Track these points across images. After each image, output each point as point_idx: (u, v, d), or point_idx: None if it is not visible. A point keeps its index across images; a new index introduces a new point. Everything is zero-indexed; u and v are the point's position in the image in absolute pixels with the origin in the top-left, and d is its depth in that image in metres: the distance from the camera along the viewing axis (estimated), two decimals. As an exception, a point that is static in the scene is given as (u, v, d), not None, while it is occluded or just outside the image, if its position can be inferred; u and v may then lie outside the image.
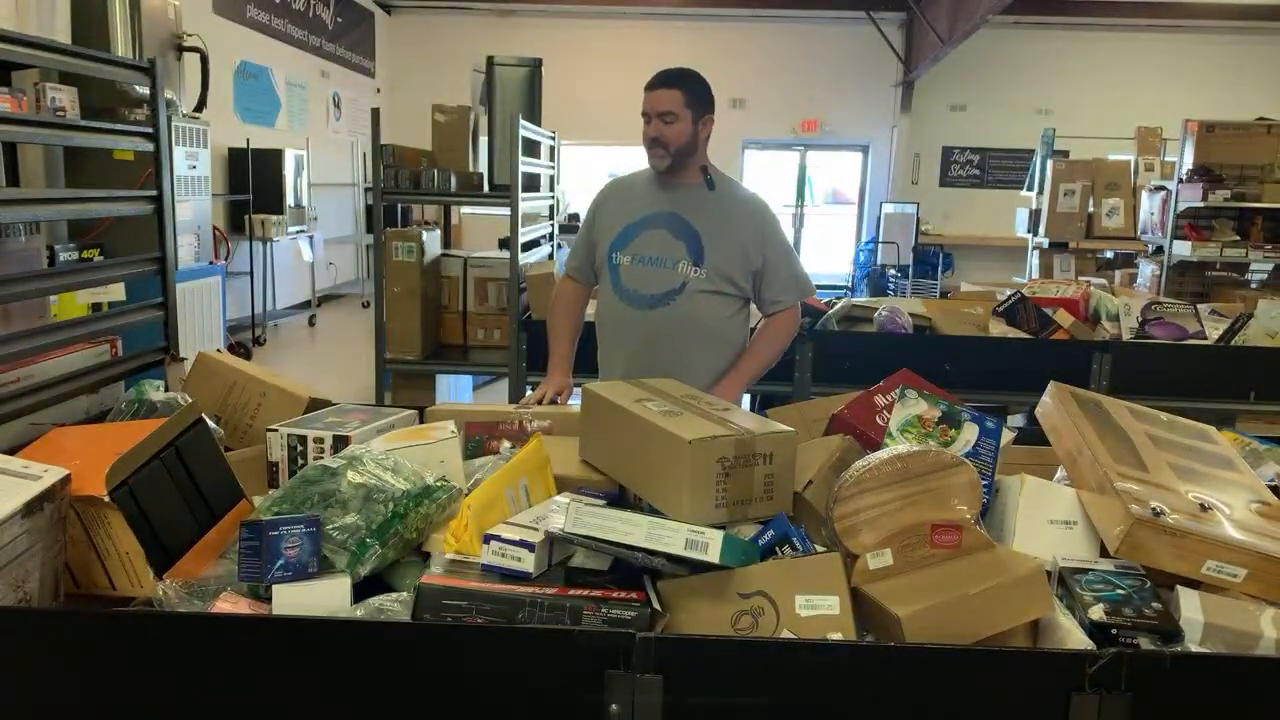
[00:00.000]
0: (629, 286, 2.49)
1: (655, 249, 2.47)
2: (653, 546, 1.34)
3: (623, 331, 2.52)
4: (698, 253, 2.45)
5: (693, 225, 2.47)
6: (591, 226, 2.62)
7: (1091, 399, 1.82)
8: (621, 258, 2.50)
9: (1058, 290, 4.25)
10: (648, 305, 2.46)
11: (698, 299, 2.45)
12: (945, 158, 11.85)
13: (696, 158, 2.51)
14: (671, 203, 2.50)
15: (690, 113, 2.45)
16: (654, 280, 2.46)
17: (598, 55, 11.26)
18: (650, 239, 2.48)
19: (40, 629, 1.26)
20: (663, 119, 2.45)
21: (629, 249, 2.50)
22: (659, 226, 2.48)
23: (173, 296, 2.45)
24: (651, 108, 2.47)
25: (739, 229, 2.49)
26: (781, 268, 2.53)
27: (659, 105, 2.46)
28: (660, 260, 2.46)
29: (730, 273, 2.46)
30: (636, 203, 2.55)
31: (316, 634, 1.25)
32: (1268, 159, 6.45)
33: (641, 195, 2.56)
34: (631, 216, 2.53)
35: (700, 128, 2.48)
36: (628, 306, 2.49)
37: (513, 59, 4.82)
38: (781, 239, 2.55)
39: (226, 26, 7.95)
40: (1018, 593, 1.34)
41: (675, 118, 2.45)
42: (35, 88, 3.86)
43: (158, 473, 1.50)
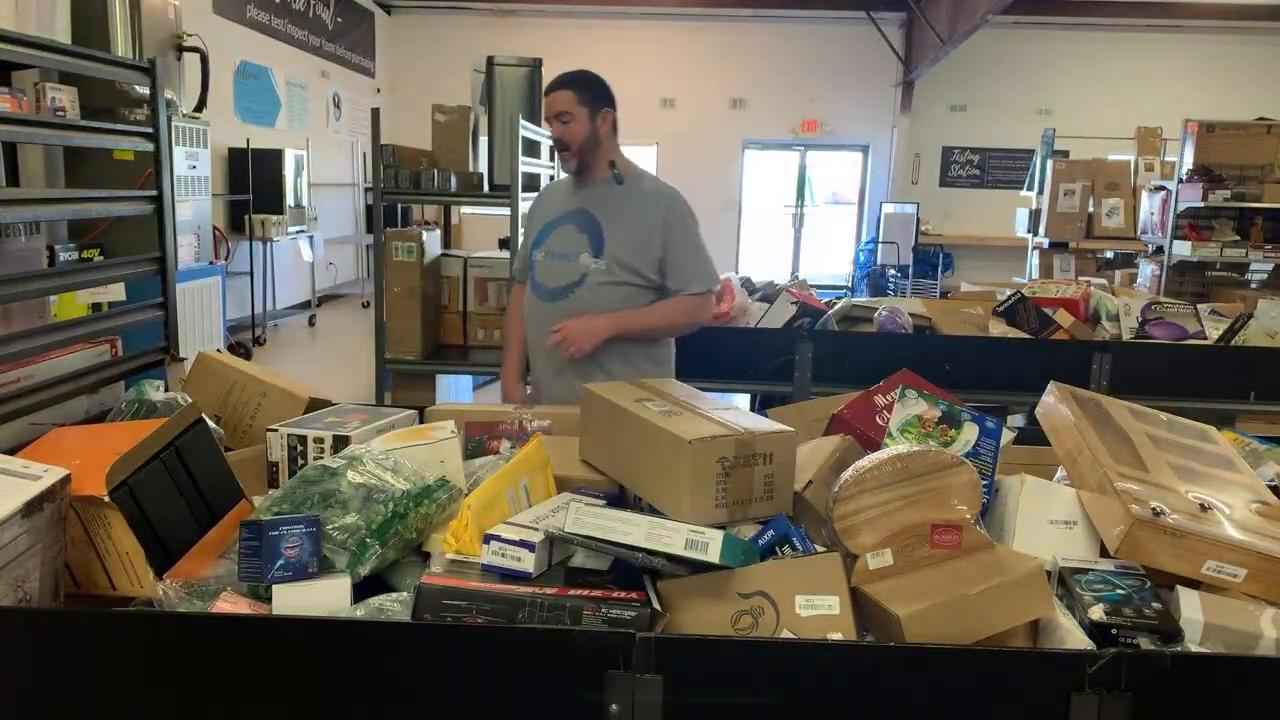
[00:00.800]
0: (540, 281, 2.61)
1: (562, 244, 2.59)
2: (653, 546, 1.34)
3: (535, 325, 2.63)
4: (598, 244, 2.54)
5: (596, 218, 2.56)
6: (526, 230, 2.78)
7: (1091, 399, 1.82)
8: (538, 254, 2.63)
9: (1058, 290, 4.24)
10: (551, 298, 2.57)
11: (598, 289, 2.52)
12: (945, 158, 11.86)
13: (602, 152, 2.58)
14: (582, 200, 2.61)
15: (585, 110, 2.53)
16: (559, 273, 2.57)
17: (598, 55, 11.23)
18: (560, 234, 2.60)
19: (40, 629, 1.26)
20: (560, 119, 2.53)
21: (544, 246, 2.62)
22: (568, 222, 2.60)
23: (173, 296, 2.45)
24: (549, 111, 2.56)
25: (640, 218, 2.55)
26: (682, 257, 2.57)
27: (554, 107, 2.54)
28: (565, 254, 2.57)
29: (631, 261, 2.53)
30: (557, 203, 2.68)
31: (316, 634, 1.25)
32: (1268, 159, 6.45)
33: (561, 196, 2.69)
34: (550, 215, 2.66)
35: (599, 123, 2.55)
36: (537, 300, 2.61)
37: (513, 59, 4.82)
38: (686, 229, 2.60)
39: (226, 26, 7.95)
40: (1018, 593, 1.34)
41: (571, 117, 2.53)
42: (35, 88, 3.86)
43: (158, 473, 1.50)
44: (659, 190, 2.64)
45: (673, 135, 11.39)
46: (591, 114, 2.53)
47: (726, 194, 11.66)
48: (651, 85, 11.30)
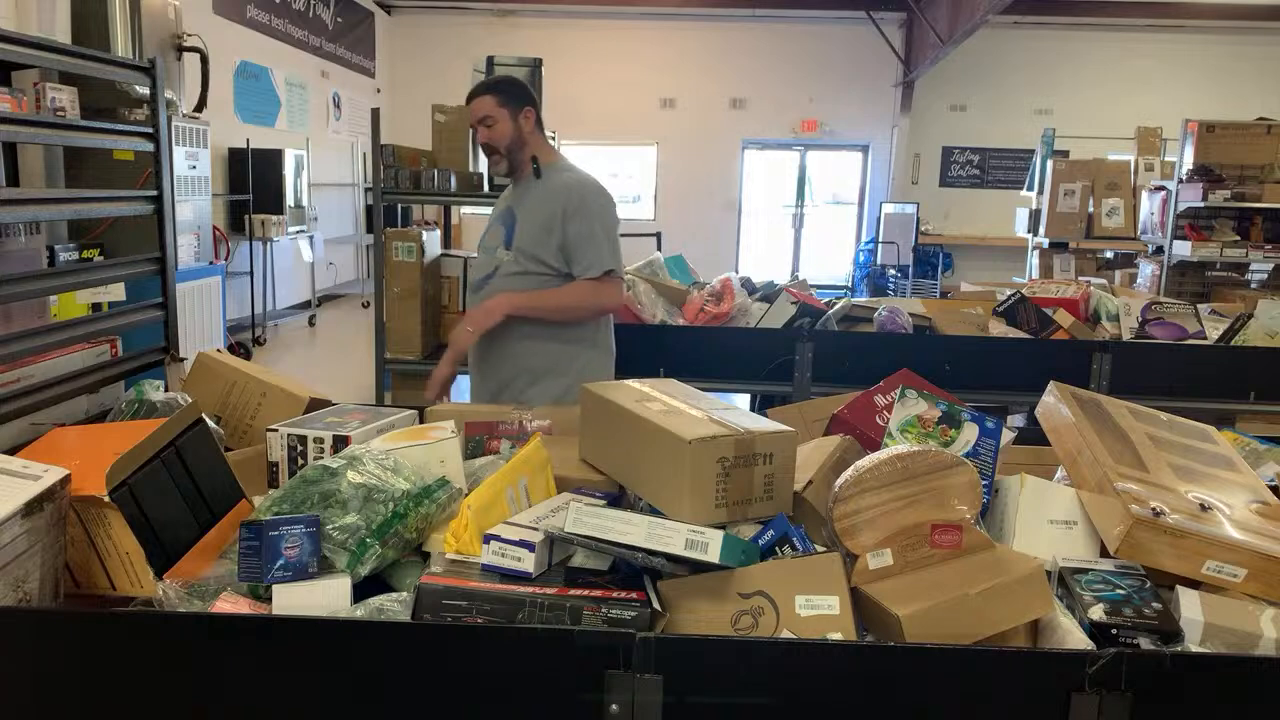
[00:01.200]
0: (472, 276, 2.82)
1: (487, 238, 2.75)
2: (653, 546, 1.34)
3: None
4: (510, 237, 2.65)
5: (515, 212, 2.67)
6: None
7: (1092, 399, 1.82)
8: (476, 249, 2.82)
9: (1058, 290, 4.25)
10: (473, 290, 2.74)
11: (507, 280, 2.62)
12: (945, 158, 11.86)
13: (527, 150, 2.65)
14: (512, 197, 2.73)
15: (506, 111, 2.59)
16: (480, 267, 2.74)
17: (598, 55, 11.25)
18: (489, 232, 2.75)
19: (40, 629, 1.26)
20: (484, 124, 2.60)
21: (480, 244, 2.78)
22: (497, 220, 2.74)
23: (173, 296, 2.45)
24: (473, 117, 2.62)
25: (545, 208, 2.61)
26: (578, 242, 2.59)
27: (476, 114, 2.61)
28: (487, 249, 2.73)
29: (535, 251, 2.59)
30: (498, 205, 2.80)
31: (316, 634, 1.25)
32: (1268, 159, 6.45)
33: (503, 198, 2.81)
34: (492, 216, 2.81)
35: (521, 122, 2.62)
36: (470, 295, 2.80)
37: (513, 59, 4.82)
38: (585, 215, 2.59)
39: (226, 26, 7.95)
40: (1018, 593, 1.34)
41: (494, 120, 2.59)
42: (35, 88, 3.86)
43: (158, 473, 1.50)
44: (569, 181, 2.65)
45: (673, 135, 11.39)
46: (513, 114, 2.59)
47: (726, 194, 11.66)
48: (651, 85, 11.29)
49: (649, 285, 3.76)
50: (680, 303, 3.79)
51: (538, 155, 2.66)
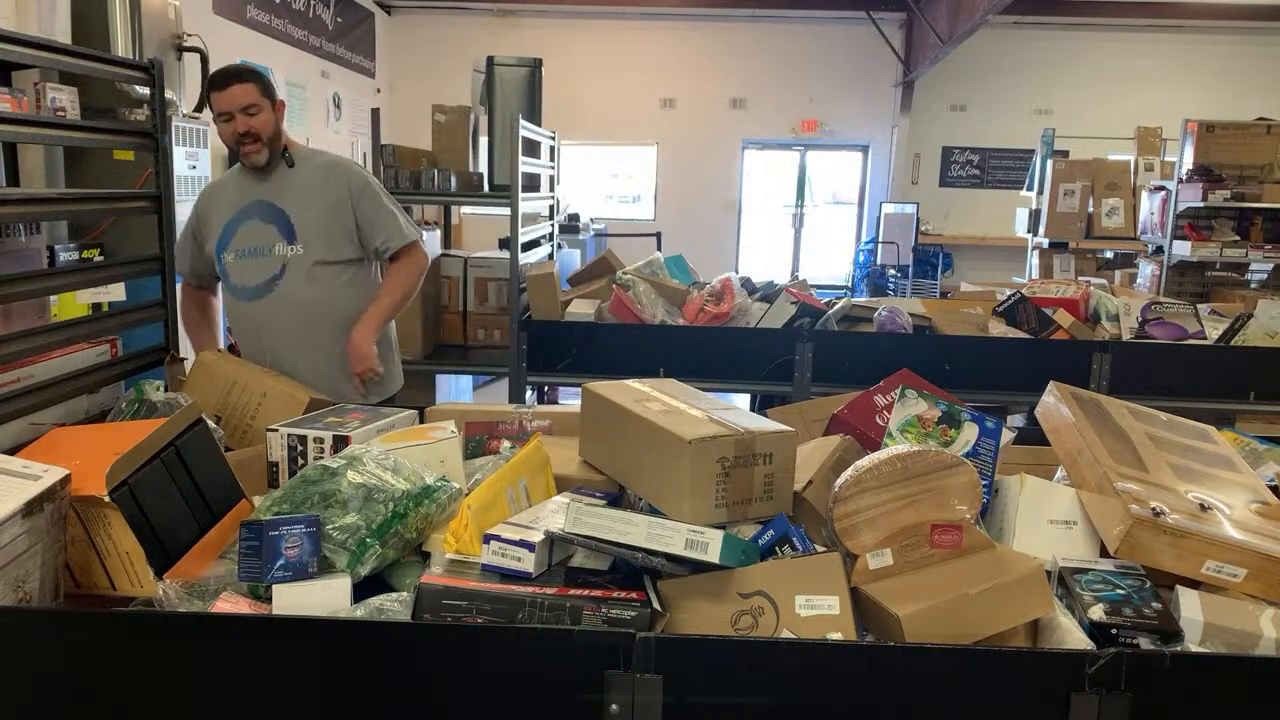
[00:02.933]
0: (237, 283, 2.60)
1: (251, 240, 2.58)
2: (653, 546, 1.34)
3: (243, 327, 2.64)
4: (289, 231, 2.56)
5: (278, 205, 2.57)
6: (195, 232, 2.69)
7: (1092, 399, 1.82)
8: (227, 256, 2.61)
9: (1058, 290, 4.24)
10: (254, 296, 2.57)
11: (302, 276, 2.55)
12: (945, 158, 11.85)
13: (280, 142, 2.61)
14: (259, 192, 2.60)
15: (267, 101, 2.55)
16: (255, 270, 2.57)
17: (598, 55, 11.24)
18: (246, 232, 2.58)
19: (40, 629, 1.26)
20: (247, 112, 2.51)
21: (231, 246, 2.60)
22: (251, 217, 2.59)
23: (173, 296, 2.45)
24: (232, 105, 2.51)
25: (324, 193, 2.59)
26: (377, 217, 2.63)
27: (239, 101, 2.51)
28: (257, 250, 2.57)
29: (330, 241, 2.57)
30: (230, 199, 2.64)
31: (316, 634, 1.25)
32: (1268, 159, 6.44)
33: (233, 191, 2.65)
34: (228, 214, 2.61)
35: (278, 114, 2.59)
36: (240, 302, 2.60)
37: (513, 59, 4.82)
38: (370, 189, 2.64)
39: (226, 26, 7.95)
40: (1018, 593, 1.34)
41: (258, 109, 2.53)
42: (35, 88, 3.85)
43: (158, 473, 1.50)
44: (333, 163, 2.69)
45: (673, 135, 11.37)
46: (272, 105, 2.56)
47: (726, 194, 11.65)
48: (651, 85, 11.28)
49: (649, 285, 3.76)
50: (680, 303, 3.79)
51: (287, 146, 2.63)
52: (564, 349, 3.65)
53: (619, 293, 3.70)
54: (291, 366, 2.52)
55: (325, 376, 2.55)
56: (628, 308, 3.67)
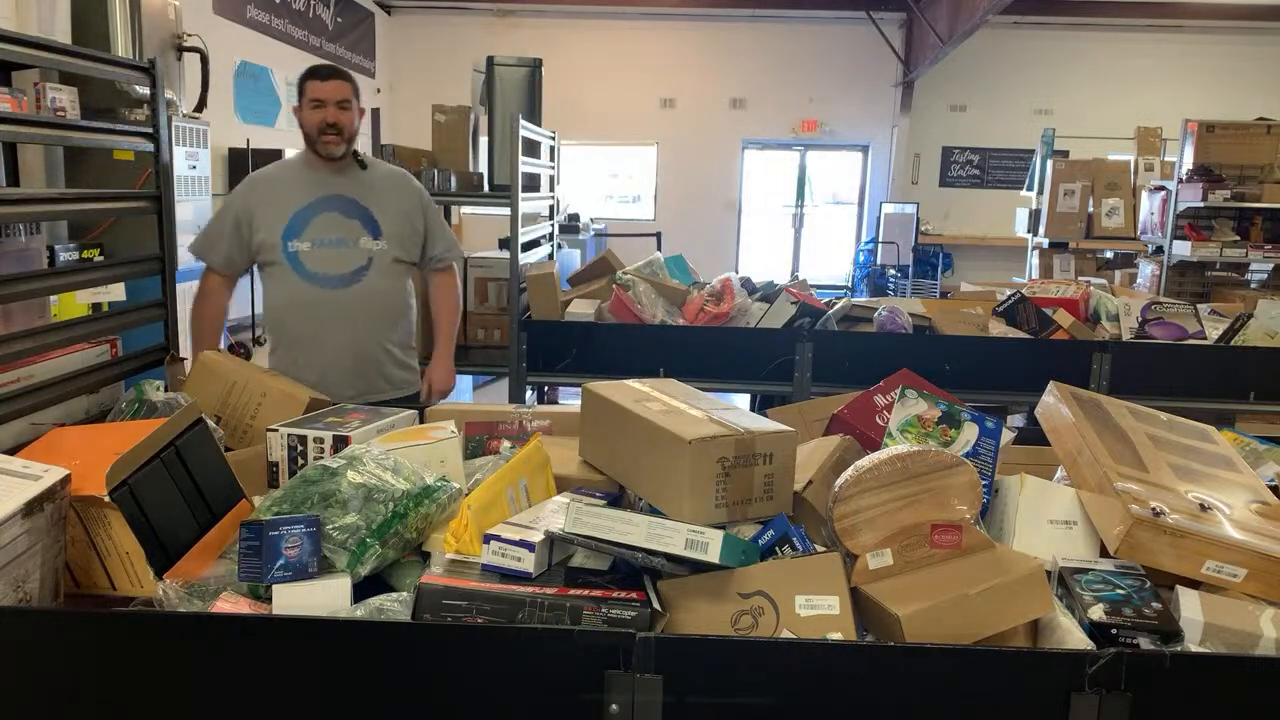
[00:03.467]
0: (315, 270, 2.66)
1: (332, 231, 2.67)
2: (653, 546, 1.34)
3: (317, 314, 2.68)
4: (374, 227, 2.70)
5: (361, 203, 2.71)
6: (241, 219, 2.71)
7: (1091, 399, 1.82)
8: (298, 244, 2.66)
9: (1058, 290, 4.24)
10: (341, 284, 2.67)
11: (385, 270, 2.72)
12: (945, 158, 11.85)
13: (354, 143, 2.76)
14: (334, 186, 2.71)
15: (356, 102, 2.72)
16: (338, 260, 2.67)
17: (598, 55, 11.24)
18: (323, 222, 2.67)
19: (40, 629, 1.26)
20: (340, 105, 2.66)
21: (304, 236, 2.66)
22: (329, 209, 2.68)
23: (173, 296, 2.45)
24: (329, 96, 2.66)
25: (400, 199, 2.79)
26: (440, 229, 2.88)
27: (336, 94, 2.66)
28: (341, 241, 2.68)
29: (405, 241, 2.77)
30: (295, 191, 2.70)
31: (316, 634, 1.25)
32: (1268, 159, 6.44)
33: (297, 183, 2.72)
34: (296, 204, 2.68)
35: (359, 117, 2.76)
36: (320, 289, 2.66)
37: (513, 59, 4.82)
38: (434, 206, 2.89)
39: (226, 26, 7.95)
40: (1018, 593, 1.34)
41: (349, 105, 2.69)
42: (35, 88, 3.85)
43: (158, 473, 1.50)
44: (400, 173, 2.89)
45: (673, 135, 11.37)
46: (359, 107, 2.74)
47: (726, 194, 11.65)
48: (651, 85, 11.28)
49: (649, 285, 3.76)
50: (680, 303, 3.79)
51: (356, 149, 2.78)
52: (564, 349, 3.64)
53: (619, 293, 3.70)
54: (357, 354, 2.70)
55: (379, 365, 2.75)
56: (628, 308, 3.67)
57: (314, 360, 2.67)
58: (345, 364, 2.69)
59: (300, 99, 2.68)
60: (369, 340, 2.71)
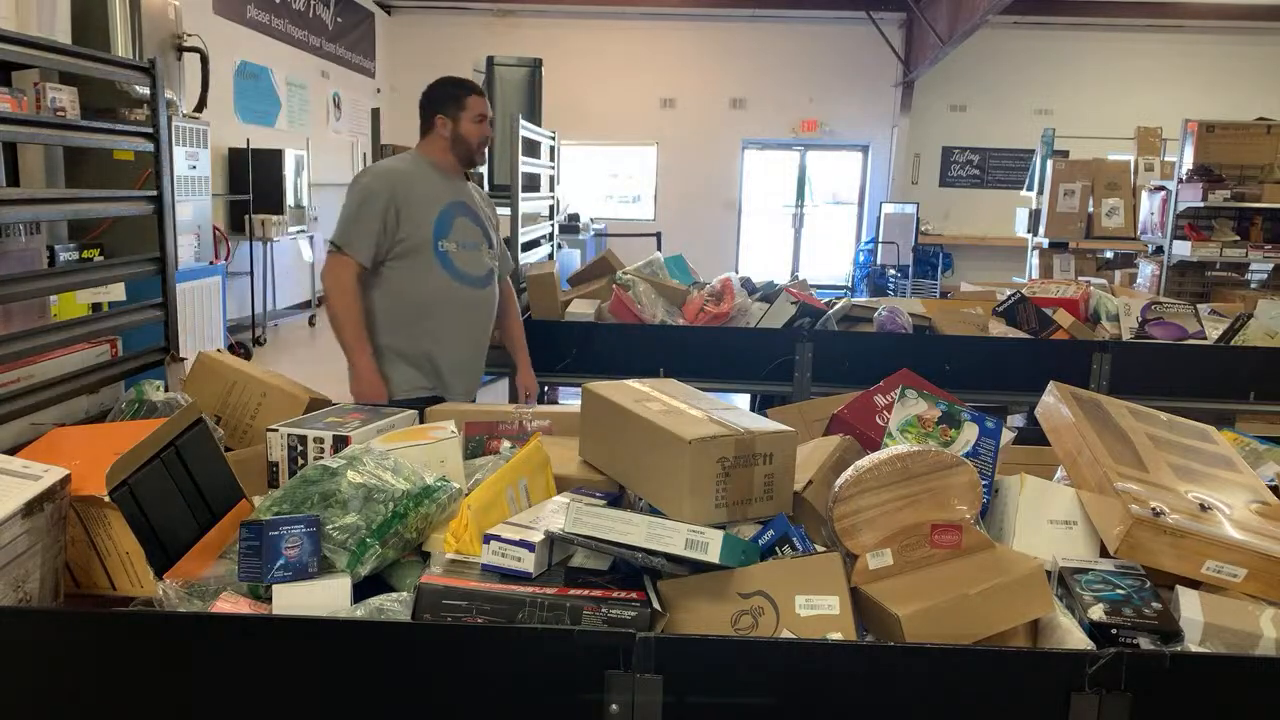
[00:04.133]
0: (464, 270, 2.79)
1: (468, 236, 2.82)
2: (653, 546, 1.34)
3: (466, 312, 2.82)
4: (490, 238, 2.89)
5: (478, 214, 2.88)
6: (388, 214, 2.68)
7: (1091, 399, 1.82)
8: (447, 244, 2.76)
9: (1058, 290, 4.24)
10: (482, 284, 2.84)
11: (495, 278, 2.92)
12: (945, 158, 11.86)
13: None
14: (457, 193, 2.84)
15: None
16: (477, 263, 2.83)
17: (598, 55, 11.25)
18: (460, 226, 2.81)
19: (40, 629, 1.26)
20: (491, 124, 2.85)
21: (451, 236, 2.77)
22: (461, 215, 2.82)
23: (173, 296, 2.44)
24: (489, 113, 2.84)
25: (493, 213, 3.00)
26: (502, 246, 3.05)
27: (491, 111, 2.85)
28: (475, 245, 2.84)
29: (497, 253, 2.94)
30: (431, 192, 2.78)
31: (316, 634, 1.25)
32: (1268, 159, 6.44)
33: (432, 185, 2.80)
34: (438, 205, 2.77)
35: None
36: (469, 289, 2.80)
37: (513, 59, 4.83)
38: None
39: (226, 26, 7.95)
40: (1018, 593, 1.34)
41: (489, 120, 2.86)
42: (35, 88, 3.86)
43: (158, 473, 1.50)
44: (483, 191, 3.07)
45: (673, 135, 11.39)
46: None
47: (726, 194, 11.66)
48: (651, 85, 11.29)
49: (649, 285, 3.76)
50: (680, 303, 3.79)
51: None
52: (564, 349, 3.64)
53: (619, 293, 3.70)
54: (479, 350, 2.89)
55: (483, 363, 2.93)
56: (628, 308, 3.67)
57: (448, 352, 2.77)
58: (474, 357, 2.87)
59: (458, 110, 2.76)
60: (486, 339, 2.92)
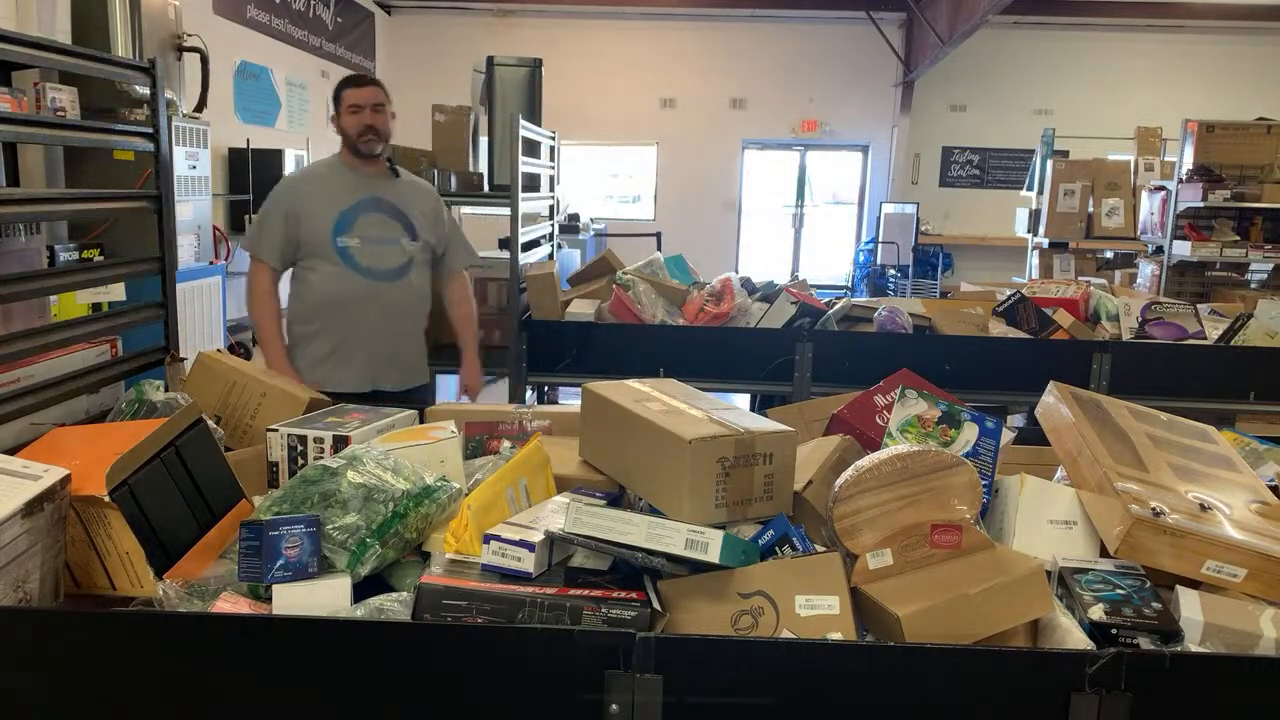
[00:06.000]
0: (367, 264, 2.88)
1: (377, 230, 2.90)
2: (653, 546, 1.34)
3: (372, 305, 2.88)
4: (412, 230, 2.95)
5: (399, 207, 2.94)
6: (290, 218, 2.88)
7: (1091, 399, 1.82)
8: (348, 240, 2.87)
9: (1058, 290, 4.24)
10: (389, 278, 2.89)
11: (419, 271, 2.98)
12: (945, 158, 11.84)
13: (389, 147, 3.02)
14: (373, 189, 2.93)
15: (389, 107, 2.96)
16: (387, 256, 2.90)
17: (598, 55, 11.24)
18: (371, 222, 2.89)
19: (40, 629, 1.26)
20: (375, 109, 2.91)
21: (354, 232, 2.88)
22: (373, 210, 2.91)
23: (173, 296, 2.44)
24: (366, 101, 2.92)
25: (427, 206, 3.03)
26: (458, 236, 3.15)
27: (373, 98, 2.92)
28: (386, 239, 2.91)
29: (432, 244, 3.02)
30: (338, 191, 2.91)
31: (316, 634, 1.25)
32: (1268, 159, 6.44)
33: (339, 184, 2.94)
34: (342, 203, 2.89)
35: (392, 120, 3.00)
36: (376, 282, 2.88)
37: (513, 59, 4.82)
38: (451, 216, 3.17)
39: (226, 26, 7.94)
40: (1018, 593, 1.34)
41: (384, 109, 2.94)
42: (35, 88, 3.85)
43: (158, 473, 1.50)
44: (425, 184, 3.16)
45: (673, 135, 11.37)
46: (391, 111, 2.97)
47: (726, 194, 11.65)
48: (651, 85, 11.28)
49: (649, 285, 3.76)
50: (680, 303, 3.79)
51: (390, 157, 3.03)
52: (564, 349, 3.65)
53: (619, 293, 3.70)
54: (399, 342, 2.95)
55: (410, 355, 3.02)
56: (628, 308, 3.67)
57: (360, 347, 2.87)
58: (388, 351, 2.92)
59: (338, 107, 2.91)
60: (407, 331, 2.97)
